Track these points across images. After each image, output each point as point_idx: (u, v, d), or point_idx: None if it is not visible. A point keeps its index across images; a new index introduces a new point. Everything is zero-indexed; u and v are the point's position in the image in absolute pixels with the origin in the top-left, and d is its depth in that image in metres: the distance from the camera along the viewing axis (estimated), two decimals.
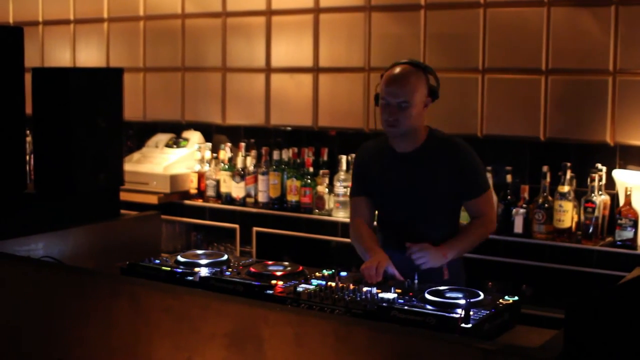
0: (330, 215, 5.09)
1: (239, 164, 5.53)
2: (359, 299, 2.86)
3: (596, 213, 4.34)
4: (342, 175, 5.04)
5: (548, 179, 4.48)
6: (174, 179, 5.67)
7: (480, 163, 3.49)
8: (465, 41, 4.91)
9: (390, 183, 3.48)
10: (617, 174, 4.44)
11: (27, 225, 3.92)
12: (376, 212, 3.63)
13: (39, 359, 3.27)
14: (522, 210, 4.50)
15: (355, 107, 5.33)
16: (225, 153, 5.63)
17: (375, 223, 3.64)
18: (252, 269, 3.21)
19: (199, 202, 5.63)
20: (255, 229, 5.35)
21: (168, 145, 5.97)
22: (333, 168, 5.20)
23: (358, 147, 3.63)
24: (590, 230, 4.34)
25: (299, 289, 2.97)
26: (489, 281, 4.49)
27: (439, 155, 3.41)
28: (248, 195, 5.47)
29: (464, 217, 3.57)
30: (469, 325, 2.56)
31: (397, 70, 3.38)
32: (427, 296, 2.82)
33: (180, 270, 3.22)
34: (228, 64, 5.90)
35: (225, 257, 3.42)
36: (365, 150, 3.62)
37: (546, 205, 4.45)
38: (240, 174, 5.47)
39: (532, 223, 4.49)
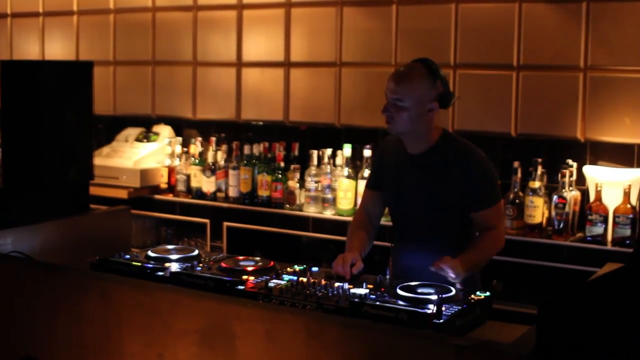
0: (301, 210, 5.08)
1: (210, 159, 5.51)
2: (330, 294, 2.85)
3: (567, 209, 4.37)
4: (313, 170, 5.03)
5: (519, 175, 4.49)
6: (144, 173, 5.63)
7: (493, 173, 3.33)
8: (437, 36, 4.91)
9: (399, 182, 3.35)
10: (587, 169, 4.47)
11: None
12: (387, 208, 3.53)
13: (7, 356, 3.23)
14: None
15: (326, 102, 5.32)
16: (195, 147, 5.60)
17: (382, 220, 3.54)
18: (223, 264, 3.20)
19: (170, 197, 5.60)
20: (225, 223, 5.32)
21: (138, 140, 5.93)
22: (304, 163, 5.19)
23: (329, 142, 3.56)
24: (561, 226, 4.37)
25: (271, 284, 2.96)
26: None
27: (448, 160, 3.24)
28: (219, 189, 5.45)
29: None
30: (441, 321, 2.57)
31: (403, 67, 3.23)
32: (399, 292, 2.82)
33: (151, 265, 3.19)
34: (199, 58, 5.87)
35: (196, 252, 3.40)
36: (385, 145, 3.47)
37: (517, 200, 4.46)
38: (210, 169, 5.45)
39: None
